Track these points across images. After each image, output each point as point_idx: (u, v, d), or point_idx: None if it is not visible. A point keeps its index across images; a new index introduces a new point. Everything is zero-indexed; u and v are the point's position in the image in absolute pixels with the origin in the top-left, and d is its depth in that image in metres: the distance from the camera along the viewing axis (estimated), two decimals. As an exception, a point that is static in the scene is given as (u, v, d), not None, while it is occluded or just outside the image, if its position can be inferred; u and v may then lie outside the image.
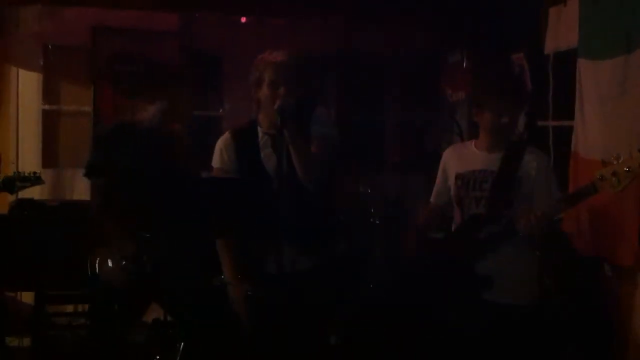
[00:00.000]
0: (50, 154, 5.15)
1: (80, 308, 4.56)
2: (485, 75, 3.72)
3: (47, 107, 5.24)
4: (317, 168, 2.78)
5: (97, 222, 3.15)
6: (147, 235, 3.01)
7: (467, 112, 4.72)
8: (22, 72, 5.18)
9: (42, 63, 5.19)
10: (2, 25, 5.06)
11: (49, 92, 5.24)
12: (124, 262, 2.99)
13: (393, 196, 4.32)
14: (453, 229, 3.13)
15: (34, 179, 3.38)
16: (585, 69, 3.61)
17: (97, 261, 3.07)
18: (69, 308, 4.61)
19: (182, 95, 3.25)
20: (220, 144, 2.94)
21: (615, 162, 2.64)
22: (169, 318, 3.11)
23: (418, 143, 5.18)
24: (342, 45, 5.29)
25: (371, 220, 3.91)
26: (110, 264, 3.04)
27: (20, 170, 4.56)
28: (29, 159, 5.11)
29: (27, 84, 5.18)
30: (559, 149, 4.03)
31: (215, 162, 2.93)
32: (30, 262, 3.98)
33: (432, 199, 3.24)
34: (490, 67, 4.53)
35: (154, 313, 3.23)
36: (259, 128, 2.92)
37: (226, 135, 2.96)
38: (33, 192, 4.46)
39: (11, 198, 4.34)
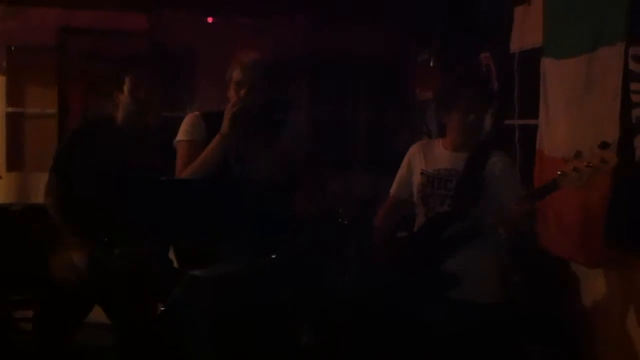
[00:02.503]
0: (14, 157, 5.08)
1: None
2: (452, 75, 3.74)
3: (10, 109, 5.18)
4: (277, 170, 2.78)
5: (51, 221, 3.11)
6: (103, 236, 2.98)
7: (435, 111, 4.74)
8: (-17, 74, 5.13)
9: (5, 65, 5.12)
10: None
11: (13, 94, 5.18)
12: (73, 263, 2.96)
13: (362, 196, 4.32)
14: (416, 227, 3.14)
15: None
16: (549, 67, 3.63)
17: (50, 261, 3.04)
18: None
19: (153, 93, 3.21)
20: (190, 119, 2.91)
21: (575, 159, 2.66)
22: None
23: (387, 143, 5.19)
24: (310, 45, 5.29)
25: (340, 220, 3.91)
26: (61, 263, 3.01)
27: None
28: (-7, 164, 5.06)
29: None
30: (525, 147, 4.05)
31: (185, 134, 2.89)
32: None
33: (392, 192, 3.25)
34: (457, 66, 4.55)
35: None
36: None
37: (196, 114, 2.94)
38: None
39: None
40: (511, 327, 3.21)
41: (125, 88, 3.13)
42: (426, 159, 3.12)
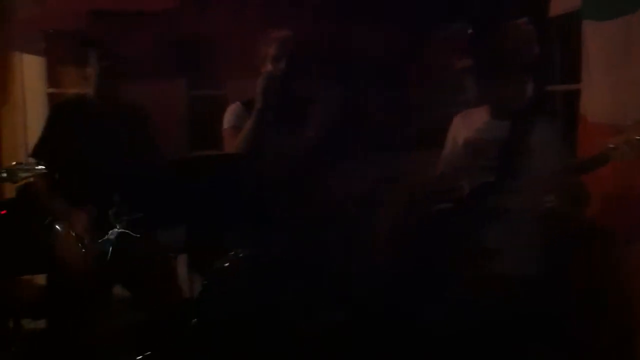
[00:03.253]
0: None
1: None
2: (492, 41, 3.67)
3: (51, 90, 5.26)
4: (308, 148, 2.79)
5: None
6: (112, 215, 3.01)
7: (472, 80, 4.66)
8: (27, 57, 5.20)
9: (44, 47, 5.19)
10: (4, 11, 5.07)
11: (53, 76, 5.25)
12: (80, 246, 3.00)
13: (393, 173, 4.28)
14: (460, 198, 3.09)
15: (36, 169, 3.39)
16: (590, 30, 3.54)
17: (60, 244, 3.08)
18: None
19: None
20: (232, 108, 2.99)
21: (626, 131, 2.58)
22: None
23: (419, 119, 5.12)
24: (339, 19, 5.23)
25: (372, 199, 3.90)
26: (67, 247, 3.05)
27: (29, 152, 4.62)
28: (37, 142, 5.14)
29: (31, 69, 5.20)
30: (567, 113, 3.97)
31: (228, 122, 2.95)
32: (39, 244, 4.00)
33: (440, 166, 3.21)
34: (495, 33, 4.46)
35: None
36: None
37: (237, 103, 3.02)
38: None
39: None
40: (551, 300, 3.16)
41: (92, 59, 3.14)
42: (469, 129, 3.08)
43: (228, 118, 3.03)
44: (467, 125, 3.09)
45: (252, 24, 4.31)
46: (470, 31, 5.05)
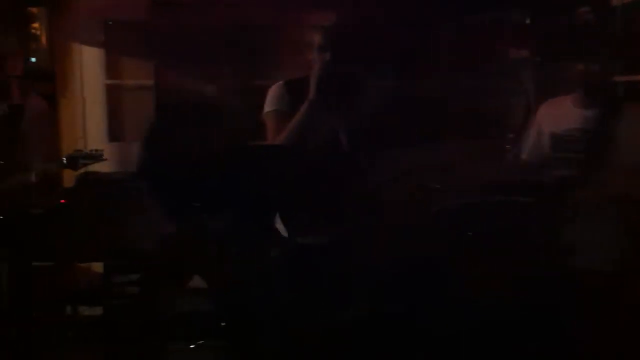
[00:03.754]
0: (114, 128, 5.23)
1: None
2: (578, 26, 3.56)
3: (109, 81, 5.34)
4: (360, 137, 2.76)
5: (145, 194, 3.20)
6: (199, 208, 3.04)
7: (532, 71, 4.56)
8: (85, 48, 5.30)
9: (103, 38, 5.28)
10: (62, 3, 5.17)
11: (111, 67, 5.34)
12: (169, 235, 3.05)
13: (451, 164, 4.22)
14: (543, 190, 3.02)
15: (97, 156, 3.47)
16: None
17: (145, 232, 3.14)
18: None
19: (236, 69, 3.26)
20: (274, 89, 2.95)
21: None
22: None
23: (476, 108, 5.03)
24: (390, 7, 5.16)
25: (429, 186, 3.85)
26: (156, 235, 3.10)
27: (86, 144, 4.70)
28: (95, 133, 5.24)
29: (90, 60, 5.29)
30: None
31: (271, 105, 2.92)
32: (98, 233, 4.08)
33: (524, 155, 3.15)
34: (577, 17, 4.34)
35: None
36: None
37: (279, 83, 2.97)
38: (99, 166, 4.59)
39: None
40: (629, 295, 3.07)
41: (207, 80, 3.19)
42: (555, 118, 3.00)
43: (270, 100, 2.97)
44: (552, 115, 3.02)
45: (298, 11, 4.28)
46: (527, 20, 4.95)
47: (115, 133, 5.23)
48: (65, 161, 3.43)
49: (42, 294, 4.14)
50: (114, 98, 5.37)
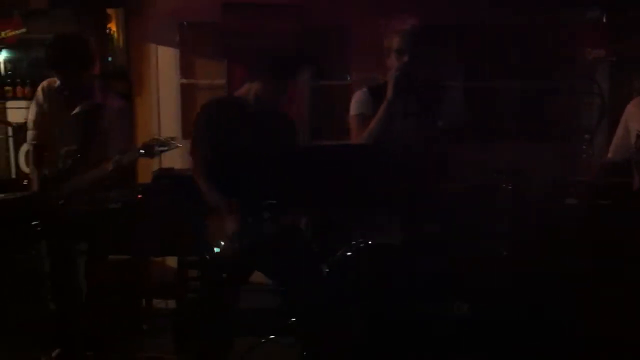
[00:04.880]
0: (189, 126, 5.34)
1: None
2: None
3: (184, 81, 5.47)
4: (436, 138, 2.77)
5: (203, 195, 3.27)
6: (268, 204, 3.08)
7: (609, 70, 4.46)
8: (160, 48, 5.44)
9: (178, 39, 5.41)
10: (141, 4, 5.32)
11: (186, 67, 5.47)
12: (230, 236, 3.10)
13: (523, 164, 4.16)
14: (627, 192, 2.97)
15: (171, 144, 3.56)
16: None
17: (209, 231, 3.20)
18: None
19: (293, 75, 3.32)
20: (359, 95, 3.03)
21: None
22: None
23: (549, 109, 4.95)
24: (466, 9, 5.12)
25: (503, 185, 3.80)
26: (219, 235, 3.16)
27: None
28: (170, 131, 5.36)
29: (166, 60, 5.43)
30: None
31: (355, 109, 3.00)
32: (172, 228, 4.19)
33: (609, 154, 3.10)
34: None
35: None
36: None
37: (363, 90, 3.05)
38: (174, 162, 4.71)
39: (154, 167, 4.62)
40: None
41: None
42: None
43: (355, 105, 3.07)
44: None
45: (377, 14, 4.28)
46: (604, 19, 4.85)
47: (189, 131, 5.33)
48: (141, 150, 3.52)
49: (118, 287, 4.27)
50: (188, 97, 5.49)
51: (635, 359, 2.91)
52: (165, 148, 3.55)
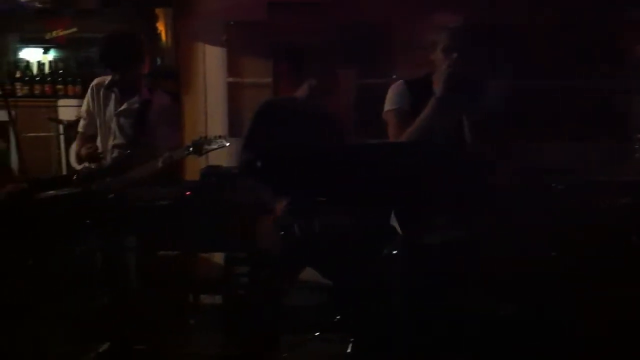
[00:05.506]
0: (235, 124, 5.38)
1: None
2: None
3: (231, 79, 5.51)
4: (485, 137, 2.74)
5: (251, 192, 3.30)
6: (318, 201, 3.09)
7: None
8: (208, 47, 5.49)
9: (225, 38, 5.45)
10: (189, 4, 5.38)
11: (233, 66, 5.50)
12: (280, 233, 3.11)
13: (575, 163, 4.10)
14: None
15: (219, 142, 3.62)
16: None
17: (257, 227, 3.23)
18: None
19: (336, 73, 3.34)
20: (395, 87, 2.98)
21: None
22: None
23: (601, 108, 4.85)
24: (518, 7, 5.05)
25: (553, 185, 3.75)
26: (268, 232, 3.18)
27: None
28: (217, 130, 5.41)
29: (213, 59, 5.48)
30: None
31: (391, 103, 2.96)
32: (220, 225, 4.23)
33: None
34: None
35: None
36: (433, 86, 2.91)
37: (400, 82, 3.00)
38: (221, 160, 4.75)
39: (202, 165, 4.67)
40: None
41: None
42: None
43: (391, 99, 3.00)
44: None
45: (423, 11, 4.25)
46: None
47: (235, 129, 5.37)
48: (190, 148, 3.59)
49: (167, 282, 4.32)
50: (235, 95, 5.53)
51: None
52: (214, 147, 3.61)
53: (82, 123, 4.03)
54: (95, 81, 3.96)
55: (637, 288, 2.90)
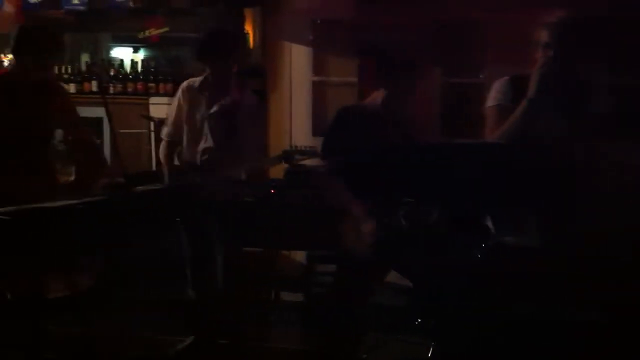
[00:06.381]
0: (319, 123, 5.41)
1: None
2: None
3: (316, 78, 5.55)
4: (582, 137, 2.64)
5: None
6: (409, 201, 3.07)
7: None
8: (294, 46, 5.54)
9: (311, 37, 5.49)
10: (276, 3, 5.44)
11: (318, 64, 5.54)
12: (365, 233, 3.10)
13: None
14: None
15: (311, 153, 3.67)
16: None
17: (342, 228, 3.23)
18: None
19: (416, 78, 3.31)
20: (498, 84, 2.90)
21: None
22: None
23: None
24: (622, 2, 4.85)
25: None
26: (353, 232, 3.18)
27: (292, 138, 4.94)
28: (301, 128, 5.47)
29: (299, 57, 5.52)
30: None
31: (493, 99, 2.89)
32: (303, 223, 4.26)
33: None
34: None
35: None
36: None
37: (505, 78, 2.92)
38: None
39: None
40: None
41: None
42: None
43: (493, 95, 2.92)
44: None
45: (521, 7, 4.13)
46: None
47: (319, 128, 5.40)
48: (283, 158, 3.67)
49: (251, 279, 4.39)
50: (320, 94, 5.56)
51: None
52: (305, 157, 3.67)
53: (165, 131, 4.06)
54: (184, 84, 4.00)
55: None
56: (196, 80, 3.94)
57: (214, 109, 3.87)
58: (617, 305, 2.90)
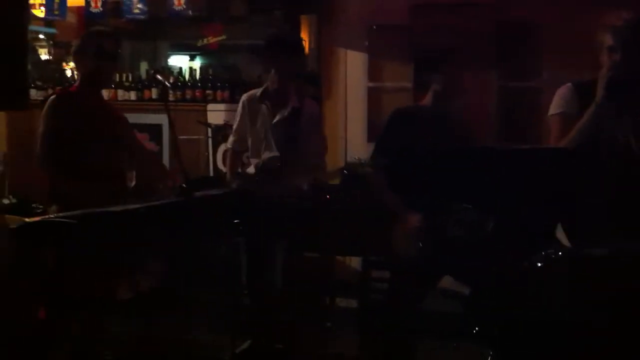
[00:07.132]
0: (374, 129, 5.41)
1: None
2: None
3: (371, 84, 5.56)
4: None
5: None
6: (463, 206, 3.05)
7: None
8: (349, 52, 5.56)
9: (367, 43, 5.50)
10: (332, 10, 5.47)
11: (373, 70, 5.55)
12: (414, 239, 3.10)
13: None
14: None
15: (368, 165, 3.70)
16: None
17: (394, 233, 3.23)
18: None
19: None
20: (562, 90, 2.86)
21: None
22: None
23: None
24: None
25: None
26: (407, 238, 3.17)
27: (347, 144, 4.94)
28: (356, 134, 5.48)
29: (354, 64, 5.54)
30: None
31: (557, 107, 2.85)
32: (358, 229, 4.27)
33: None
34: None
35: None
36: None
37: (568, 85, 2.87)
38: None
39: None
40: None
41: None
42: None
43: (556, 102, 2.86)
44: None
45: (583, 10, 4.05)
46: None
47: (375, 134, 5.39)
48: (345, 170, 3.72)
49: (307, 284, 4.41)
50: (375, 100, 5.56)
51: None
52: (366, 169, 3.69)
53: (231, 139, 4.18)
54: (245, 96, 4.08)
55: None
56: (257, 92, 4.01)
57: (277, 118, 3.93)
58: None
